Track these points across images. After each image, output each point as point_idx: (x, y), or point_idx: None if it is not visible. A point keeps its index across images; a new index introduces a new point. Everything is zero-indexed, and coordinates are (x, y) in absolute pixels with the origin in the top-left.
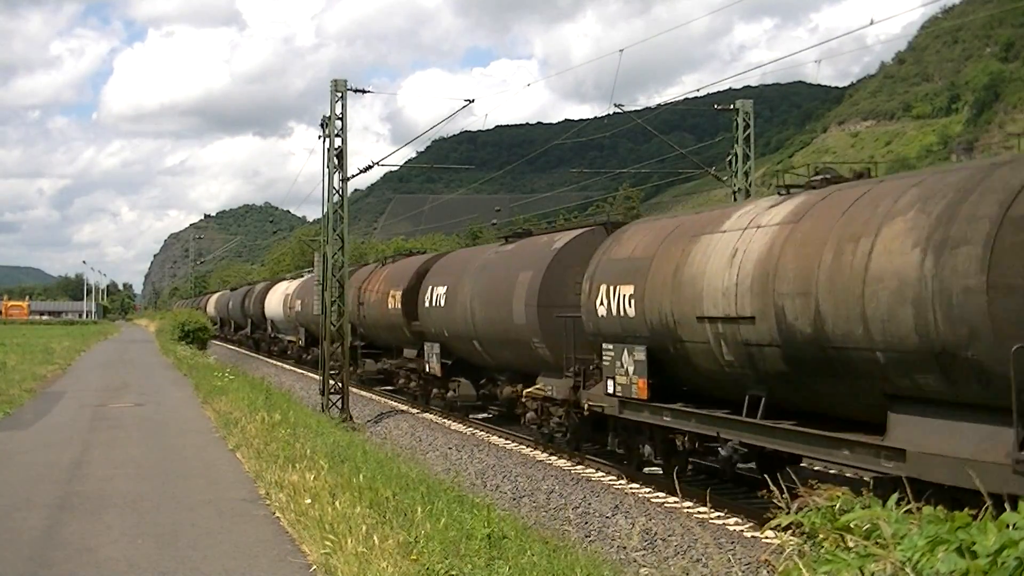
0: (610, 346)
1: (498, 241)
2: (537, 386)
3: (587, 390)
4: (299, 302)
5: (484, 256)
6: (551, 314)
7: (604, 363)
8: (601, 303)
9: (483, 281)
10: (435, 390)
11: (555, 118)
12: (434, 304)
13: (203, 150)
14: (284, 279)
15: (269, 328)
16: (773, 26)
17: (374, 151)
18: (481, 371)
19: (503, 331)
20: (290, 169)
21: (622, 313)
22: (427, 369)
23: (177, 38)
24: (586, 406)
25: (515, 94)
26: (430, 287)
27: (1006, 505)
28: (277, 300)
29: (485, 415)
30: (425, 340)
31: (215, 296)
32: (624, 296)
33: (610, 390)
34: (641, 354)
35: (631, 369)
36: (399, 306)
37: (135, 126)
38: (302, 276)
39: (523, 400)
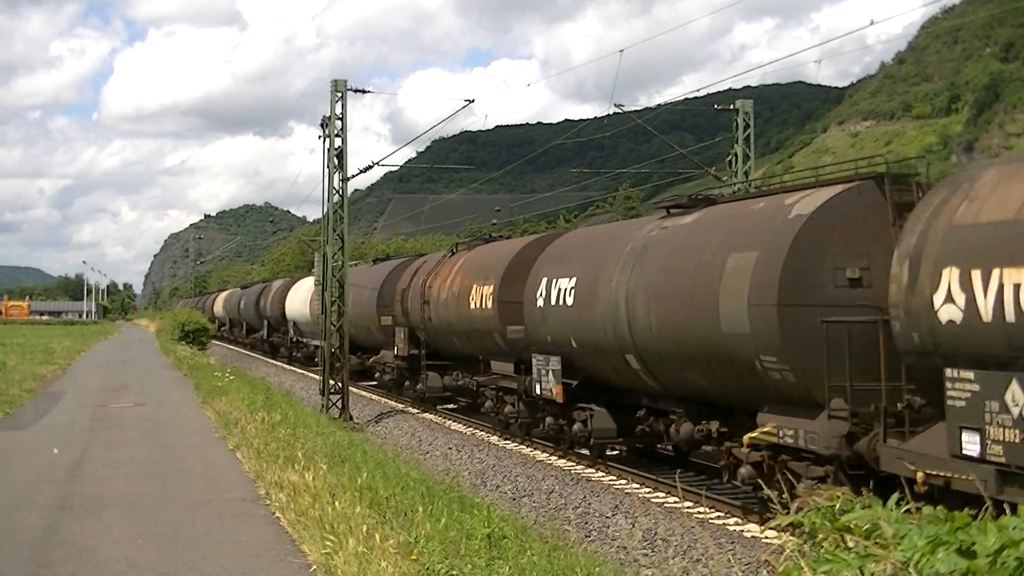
0: (971, 374)
1: (655, 213)
2: (764, 429)
3: (889, 444)
4: None
5: (641, 233)
6: (801, 317)
7: (954, 402)
8: (950, 299)
9: (649, 270)
10: (548, 419)
11: (555, 118)
12: (554, 303)
13: (204, 150)
14: (310, 274)
15: (291, 331)
16: (774, 26)
17: (375, 151)
18: (624, 394)
19: (696, 342)
20: (290, 169)
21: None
22: (536, 391)
23: (177, 38)
24: (917, 476)
25: (515, 94)
26: (544, 280)
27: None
28: (302, 299)
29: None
30: (533, 351)
31: (223, 295)
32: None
33: (969, 450)
34: None
35: None
36: (490, 306)
37: (136, 126)
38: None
39: (735, 448)
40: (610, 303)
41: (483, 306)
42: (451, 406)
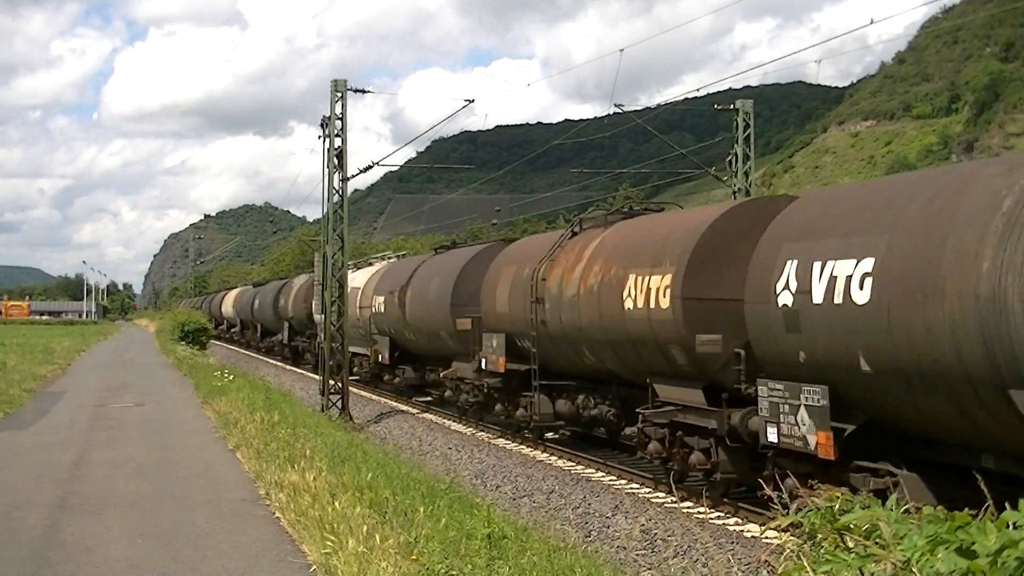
0: None
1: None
2: None
3: None
4: (380, 300)
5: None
6: None
7: None
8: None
9: None
10: (789, 480)
11: (556, 118)
12: (820, 299)
13: (204, 150)
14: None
15: (321, 336)
16: (775, 26)
17: (376, 151)
18: (950, 451)
19: None
20: (291, 169)
21: None
22: (769, 437)
23: (178, 38)
24: None
25: (516, 94)
26: (792, 264)
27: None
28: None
29: None
30: (761, 377)
31: (232, 293)
32: None
33: None
34: None
35: None
36: (666, 305)
37: (136, 126)
38: (378, 262)
39: None
40: (978, 299)
41: (651, 305)
42: (551, 435)
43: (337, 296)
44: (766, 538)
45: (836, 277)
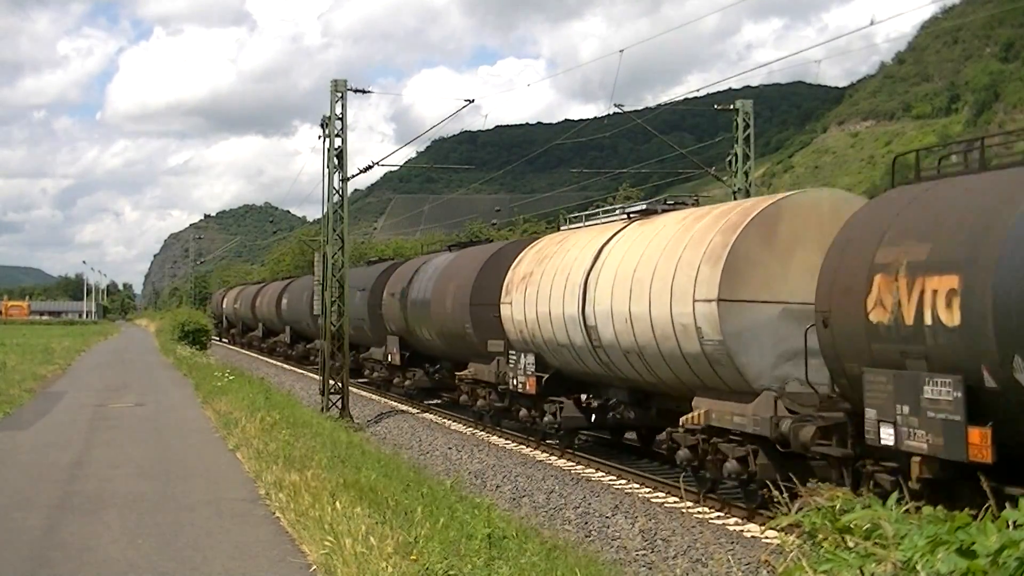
0: None
1: None
2: None
3: None
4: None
5: None
6: None
7: None
8: None
9: None
10: None
11: (556, 118)
12: None
13: (208, 150)
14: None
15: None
16: (782, 26)
17: (379, 151)
18: None
19: None
20: (294, 169)
21: None
22: None
23: (183, 37)
24: None
25: (519, 94)
26: None
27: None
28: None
29: None
30: None
31: (266, 289)
32: None
33: None
34: None
35: None
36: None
37: (139, 125)
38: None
39: None
40: None
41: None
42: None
43: (337, 296)
44: (766, 538)
45: None
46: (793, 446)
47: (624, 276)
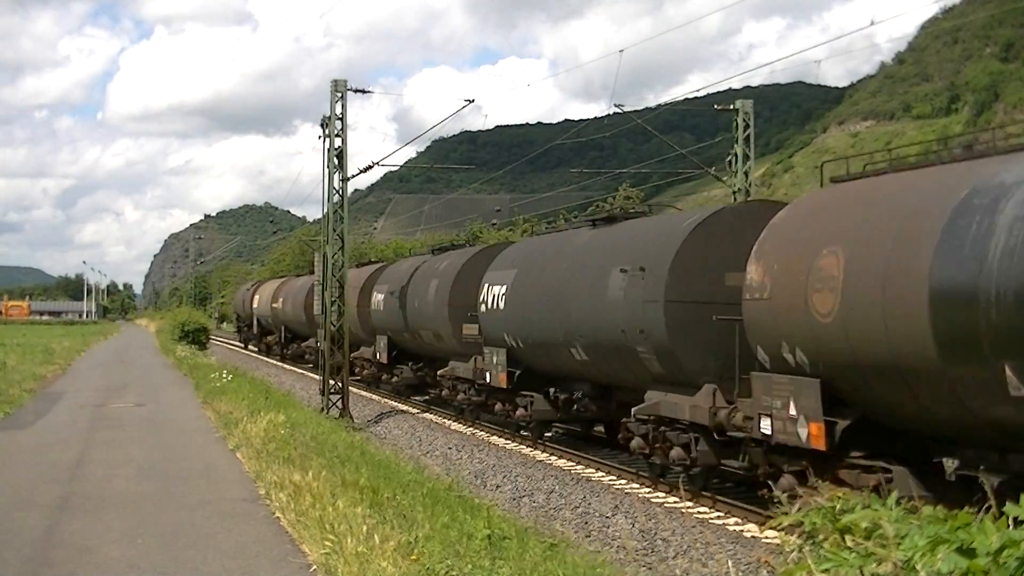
0: None
1: None
2: None
3: None
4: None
5: None
6: None
7: None
8: None
9: None
10: None
11: (556, 118)
12: None
13: (209, 150)
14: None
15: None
16: (784, 26)
17: (381, 151)
18: None
19: None
20: (294, 169)
21: None
22: None
23: (185, 37)
24: None
25: (521, 93)
26: None
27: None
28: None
29: None
30: None
31: (306, 282)
32: None
33: None
34: None
35: None
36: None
37: (141, 125)
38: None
39: None
40: None
41: None
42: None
43: (337, 296)
44: (766, 538)
45: None
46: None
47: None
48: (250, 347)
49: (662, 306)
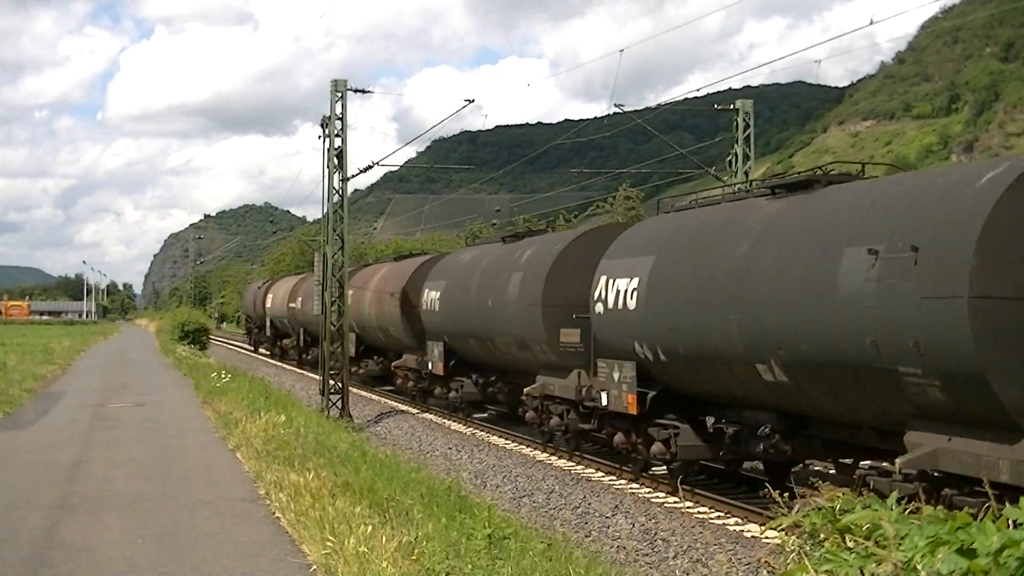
0: None
1: None
2: None
3: None
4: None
5: None
6: None
7: None
8: None
9: None
10: None
11: (556, 118)
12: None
13: (209, 149)
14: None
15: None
16: (785, 26)
17: (381, 151)
18: None
19: None
20: (294, 168)
21: None
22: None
23: (185, 37)
24: None
25: (521, 93)
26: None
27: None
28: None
29: None
30: None
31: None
32: None
33: None
34: None
35: None
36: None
37: (141, 125)
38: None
39: None
40: None
41: None
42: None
43: (337, 296)
44: (766, 538)
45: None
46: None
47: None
48: (261, 350)
49: (965, 304)
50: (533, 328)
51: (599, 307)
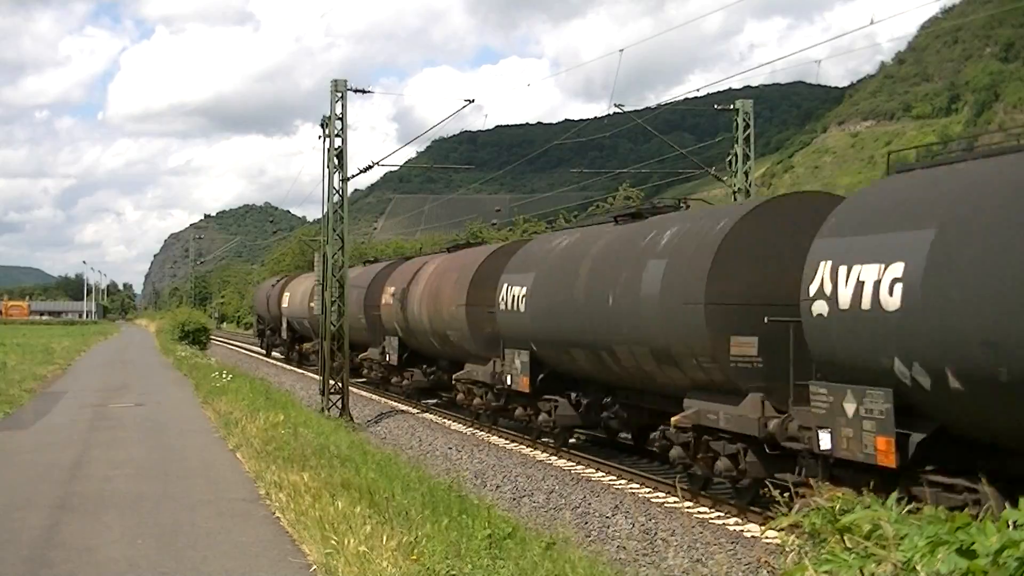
0: None
1: None
2: None
3: None
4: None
5: None
6: None
7: None
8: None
9: None
10: None
11: (556, 118)
12: None
13: (209, 150)
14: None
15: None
16: (785, 26)
17: (381, 151)
18: None
19: None
20: (294, 169)
21: None
22: None
23: (185, 37)
24: None
25: (521, 93)
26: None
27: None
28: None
29: None
30: None
31: (362, 275)
32: None
33: None
34: None
35: None
36: None
37: (141, 125)
38: None
39: None
40: None
41: None
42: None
43: (337, 296)
44: (766, 538)
45: None
46: None
47: None
48: (274, 354)
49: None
50: (688, 335)
51: (819, 307)
